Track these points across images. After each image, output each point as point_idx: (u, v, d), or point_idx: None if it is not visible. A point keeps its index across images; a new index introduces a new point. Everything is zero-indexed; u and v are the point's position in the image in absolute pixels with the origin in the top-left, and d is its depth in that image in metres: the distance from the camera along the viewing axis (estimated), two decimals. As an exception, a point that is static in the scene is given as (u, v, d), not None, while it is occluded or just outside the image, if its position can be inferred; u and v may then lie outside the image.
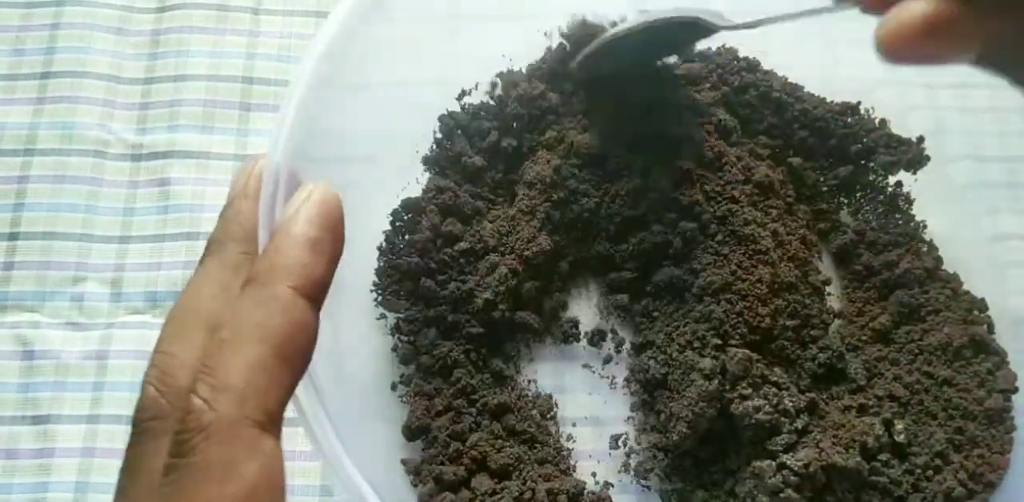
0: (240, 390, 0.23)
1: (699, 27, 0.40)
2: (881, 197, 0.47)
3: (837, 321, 0.45)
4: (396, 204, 0.45)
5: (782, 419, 0.39)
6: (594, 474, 0.43)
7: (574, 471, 0.43)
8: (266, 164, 0.29)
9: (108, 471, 0.43)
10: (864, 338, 0.44)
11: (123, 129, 0.51)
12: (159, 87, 0.51)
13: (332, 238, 0.26)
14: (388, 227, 0.45)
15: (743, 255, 0.42)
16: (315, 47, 0.32)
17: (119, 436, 0.44)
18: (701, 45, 0.48)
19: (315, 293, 0.25)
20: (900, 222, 0.47)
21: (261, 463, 0.23)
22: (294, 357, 0.24)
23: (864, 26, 0.26)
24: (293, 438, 0.43)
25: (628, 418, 0.44)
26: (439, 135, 0.47)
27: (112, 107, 0.51)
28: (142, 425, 0.24)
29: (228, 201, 0.29)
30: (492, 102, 0.47)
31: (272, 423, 0.24)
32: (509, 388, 0.43)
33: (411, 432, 0.41)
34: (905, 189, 0.47)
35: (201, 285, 0.27)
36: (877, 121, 0.47)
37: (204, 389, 0.23)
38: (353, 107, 0.38)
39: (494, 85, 0.48)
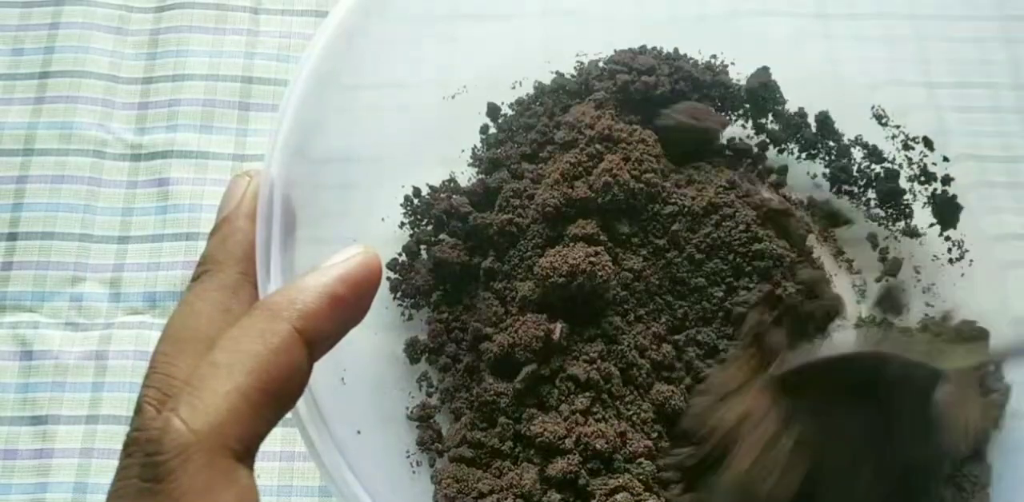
0: (223, 416, 0.22)
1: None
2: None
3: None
4: (393, 204, 0.45)
5: None
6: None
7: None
8: (261, 182, 0.28)
9: (107, 472, 0.43)
10: None
11: (122, 129, 0.51)
12: (158, 87, 0.51)
13: (354, 303, 0.26)
14: (386, 228, 0.45)
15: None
16: (314, 47, 0.32)
17: (118, 437, 0.44)
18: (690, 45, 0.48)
19: (316, 343, 0.25)
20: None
21: (238, 494, 0.22)
22: (280, 396, 0.24)
23: (865, 26, 0.26)
24: (293, 438, 0.44)
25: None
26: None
27: (111, 107, 0.51)
28: (140, 447, 0.23)
29: (221, 218, 0.28)
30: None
31: (248, 455, 0.23)
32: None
33: None
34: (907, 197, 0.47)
35: (199, 305, 0.26)
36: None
37: (185, 409, 0.22)
38: (352, 107, 0.38)
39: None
